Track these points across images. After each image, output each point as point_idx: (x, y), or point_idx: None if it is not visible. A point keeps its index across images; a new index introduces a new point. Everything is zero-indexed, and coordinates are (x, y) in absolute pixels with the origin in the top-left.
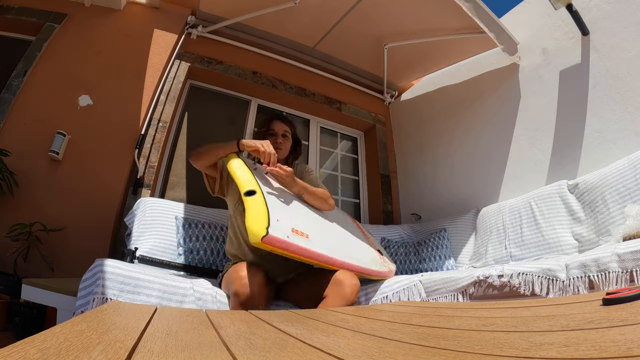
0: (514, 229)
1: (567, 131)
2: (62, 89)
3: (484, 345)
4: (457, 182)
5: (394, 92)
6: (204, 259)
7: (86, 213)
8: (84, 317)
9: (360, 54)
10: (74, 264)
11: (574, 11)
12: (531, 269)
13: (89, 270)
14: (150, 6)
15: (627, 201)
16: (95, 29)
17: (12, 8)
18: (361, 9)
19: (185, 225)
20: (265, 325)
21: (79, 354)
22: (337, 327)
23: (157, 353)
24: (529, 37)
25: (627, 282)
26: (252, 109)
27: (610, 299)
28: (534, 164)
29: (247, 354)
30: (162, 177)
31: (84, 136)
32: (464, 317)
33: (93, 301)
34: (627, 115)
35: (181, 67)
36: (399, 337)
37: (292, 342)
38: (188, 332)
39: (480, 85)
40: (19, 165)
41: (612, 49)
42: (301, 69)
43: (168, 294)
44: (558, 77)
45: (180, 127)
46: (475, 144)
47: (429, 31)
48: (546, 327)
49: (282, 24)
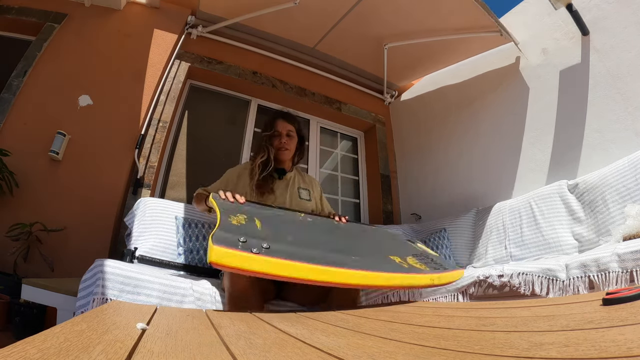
0: (514, 229)
1: (567, 131)
2: (62, 89)
3: (484, 345)
4: (457, 182)
5: (394, 92)
6: (204, 258)
7: (86, 213)
8: (84, 317)
9: (360, 54)
10: (74, 264)
11: (574, 11)
12: (531, 269)
13: (89, 270)
14: (150, 6)
15: (627, 201)
16: (95, 29)
17: (12, 8)
18: (361, 9)
19: (185, 225)
20: (265, 325)
21: (79, 354)
22: (337, 327)
23: (157, 353)
24: (529, 37)
25: (627, 282)
26: (252, 108)
27: (610, 299)
28: (534, 164)
29: (247, 354)
30: (162, 177)
31: (84, 136)
32: (464, 317)
33: (93, 301)
34: (627, 115)
35: (181, 67)
36: (399, 337)
37: (292, 342)
38: (188, 332)
39: (480, 85)
40: (19, 165)
41: (612, 49)
42: (301, 69)
43: (168, 294)
44: (558, 77)
45: (180, 127)
46: (475, 144)
47: (429, 31)
48: (546, 327)
49: (282, 24)
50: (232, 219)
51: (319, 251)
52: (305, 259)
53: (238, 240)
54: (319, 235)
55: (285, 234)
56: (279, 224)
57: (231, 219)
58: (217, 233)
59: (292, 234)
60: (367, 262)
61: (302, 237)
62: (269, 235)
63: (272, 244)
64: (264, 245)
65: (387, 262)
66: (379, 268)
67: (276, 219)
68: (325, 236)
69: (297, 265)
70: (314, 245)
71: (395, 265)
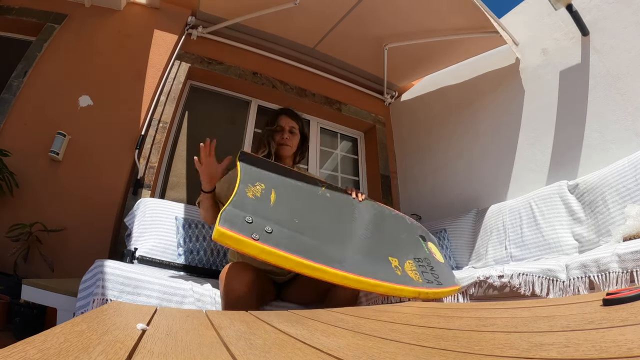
0: (514, 230)
1: (567, 131)
2: (63, 89)
3: (484, 346)
4: (457, 183)
5: (394, 93)
6: (204, 259)
7: (86, 213)
8: (84, 318)
9: (360, 55)
10: (74, 264)
11: (573, 11)
12: (531, 270)
13: (89, 271)
14: (150, 7)
15: (627, 201)
16: (95, 30)
17: (13, 8)
18: (361, 10)
19: (185, 225)
20: (265, 326)
21: (79, 354)
22: (337, 327)
23: (157, 354)
24: (529, 38)
25: (627, 282)
26: (252, 109)
27: (611, 299)
28: (534, 164)
29: (247, 355)
30: (162, 178)
31: (84, 136)
32: (464, 317)
33: (93, 302)
34: (627, 115)
35: (181, 67)
36: (398, 337)
37: (292, 343)
38: (188, 333)
39: (480, 86)
40: (19, 165)
41: (612, 50)
42: (301, 69)
43: (168, 295)
44: (558, 78)
45: (180, 128)
46: (475, 144)
47: (429, 32)
48: (546, 327)
49: (282, 24)
50: (249, 189)
51: (318, 242)
52: (300, 252)
53: (245, 219)
54: (328, 218)
55: (294, 215)
56: (293, 200)
57: (248, 191)
58: (227, 210)
59: (301, 215)
60: (362, 263)
61: (309, 221)
62: (277, 216)
63: (277, 226)
64: (267, 229)
65: (383, 264)
66: (370, 274)
67: (293, 194)
68: (334, 221)
69: (289, 258)
70: (317, 234)
71: (388, 272)
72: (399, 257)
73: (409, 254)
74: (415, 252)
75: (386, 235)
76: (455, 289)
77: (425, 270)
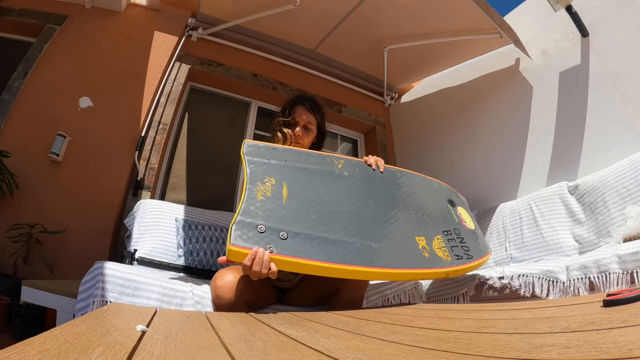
0: (514, 231)
1: (567, 132)
2: (63, 90)
3: (485, 347)
4: (457, 184)
5: (394, 94)
6: (204, 260)
7: (86, 215)
8: (83, 319)
9: (360, 57)
10: (74, 266)
11: (573, 13)
12: (531, 271)
13: (89, 273)
14: (150, 8)
15: (627, 202)
16: (95, 31)
17: (13, 10)
18: (361, 11)
19: (185, 226)
20: (265, 328)
21: (79, 356)
22: (337, 329)
23: (157, 355)
24: (529, 39)
25: (627, 283)
26: (252, 111)
27: (611, 300)
28: (533, 166)
29: (247, 357)
30: (162, 179)
31: (85, 138)
32: (465, 319)
33: (93, 304)
34: (627, 116)
35: (181, 69)
36: (399, 339)
37: (292, 345)
38: (188, 335)
39: (480, 87)
40: (19, 166)
41: (611, 51)
42: (301, 71)
43: (168, 296)
44: (558, 79)
45: (180, 129)
46: (475, 146)
47: (429, 33)
48: (547, 328)
49: (282, 26)
50: (259, 189)
51: (339, 236)
52: (317, 256)
53: (257, 229)
54: (347, 205)
55: (311, 209)
56: (307, 191)
57: (257, 191)
58: (238, 222)
59: (318, 208)
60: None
61: (327, 213)
62: (291, 215)
63: (292, 228)
64: (282, 235)
65: (409, 248)
66: (394, 264)
67: (306, 183)
68: (354, 206)
69: (310, 264)
70: (336, 228)
71: (414, 256)
72: (426, 235)
73: (438, 229)
74: (445, 224)
75: (412, 211)
76: (484, 260)
77: (455, 244)
